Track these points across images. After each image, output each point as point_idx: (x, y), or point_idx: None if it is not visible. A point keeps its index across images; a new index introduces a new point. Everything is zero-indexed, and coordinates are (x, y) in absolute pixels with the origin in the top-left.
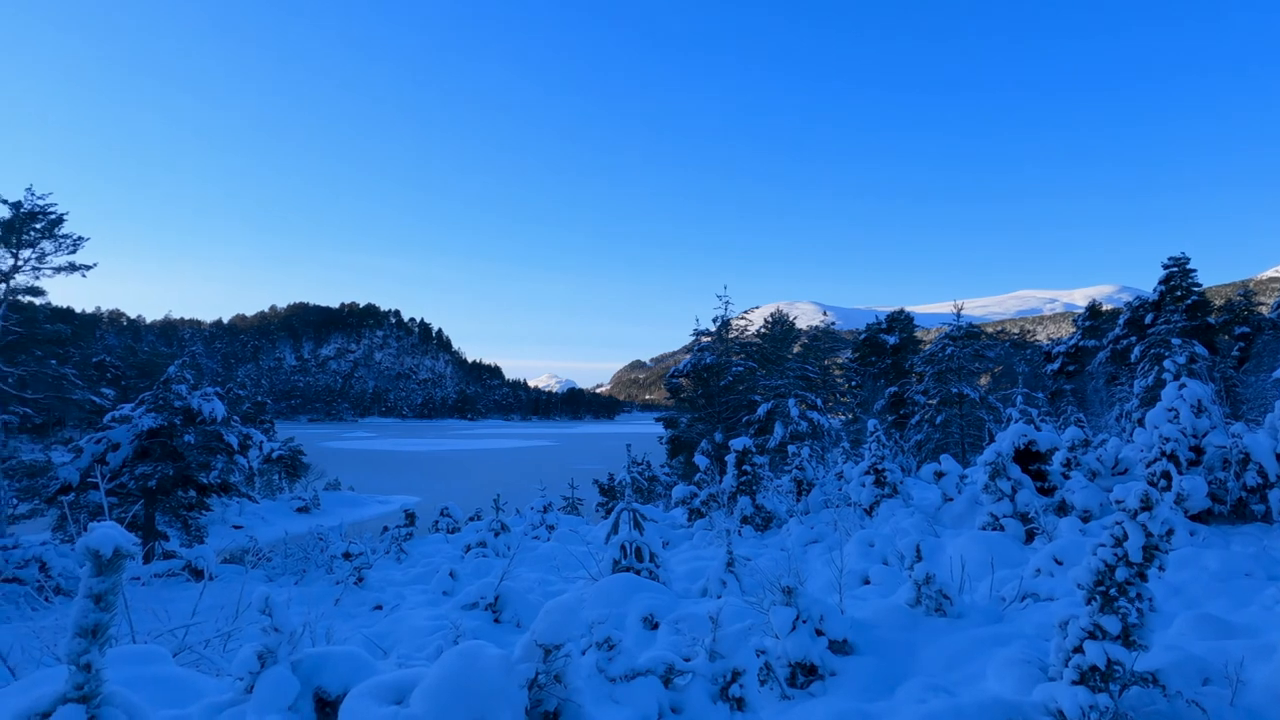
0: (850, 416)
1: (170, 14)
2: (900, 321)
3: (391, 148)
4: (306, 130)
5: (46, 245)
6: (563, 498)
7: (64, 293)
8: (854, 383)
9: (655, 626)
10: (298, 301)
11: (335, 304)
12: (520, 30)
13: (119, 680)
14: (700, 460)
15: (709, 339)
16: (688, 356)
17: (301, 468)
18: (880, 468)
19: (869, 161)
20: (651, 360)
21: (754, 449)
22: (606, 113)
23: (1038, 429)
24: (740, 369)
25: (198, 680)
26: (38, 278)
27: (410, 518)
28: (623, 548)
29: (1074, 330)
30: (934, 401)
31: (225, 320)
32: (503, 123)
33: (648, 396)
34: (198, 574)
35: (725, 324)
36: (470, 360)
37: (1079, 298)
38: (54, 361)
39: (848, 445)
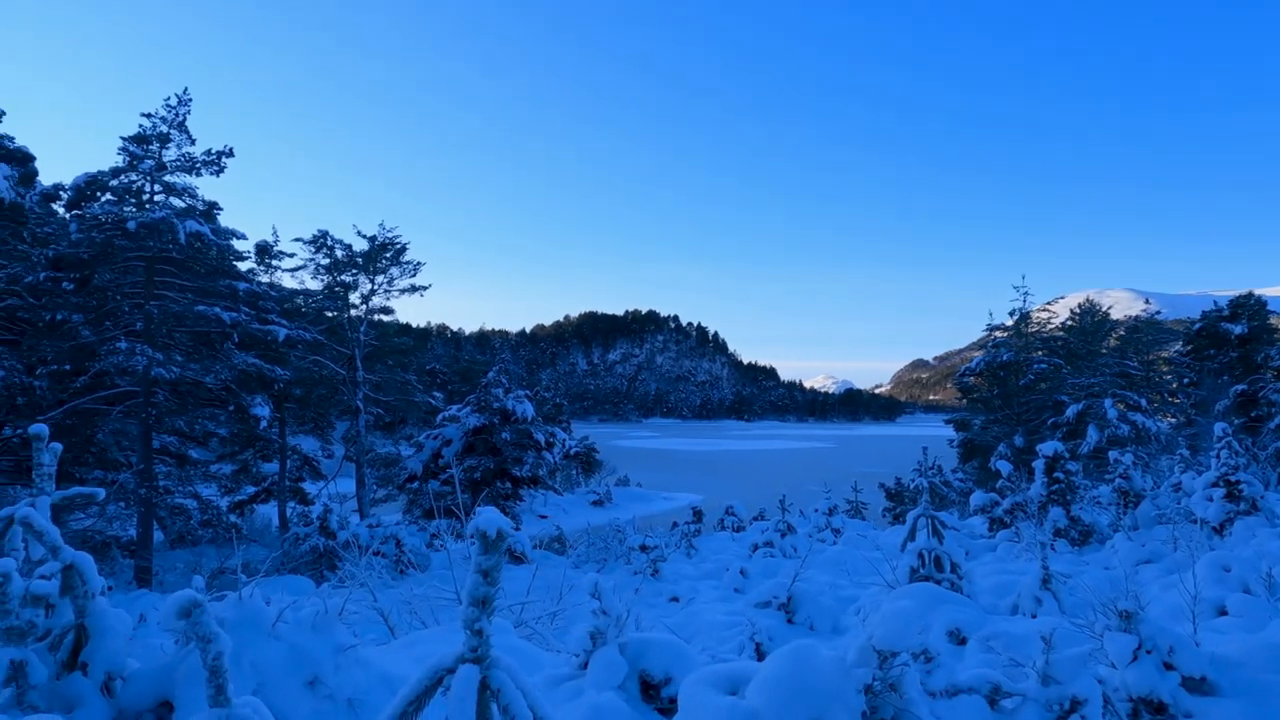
0: (1183, 419)
1: (449, 49)
2: (1248, 307)
3: (665, 154)
4: (585, 146)
5: (394, 271)
6: (846, 501)
7: (405, 310)
8: (1186, 380)
9: (962, 642)
10: (588, 310)
11: (620, 311)
12: (788, 35)
13: None
14: (1002, 466)
15: (1004, 334)
16: (980, 354)
17: (595, 464)
18: (1233, 479)
19: (1199, 130)
20: (935, 359)
21: (1066, 454)
22: (881, 108)
23: None
24: (1043, 366)
25: (537, 653)
26: (388, 298)
27: (698, 515)
28: (921, 555)
29: None
30: None
31: (527, 330)
32: (774, 126)
33: (931, 397)
34: (516, 558)
35: (1024, 317)
36: (745, 362)
37: None
38: (399, 369)
39: (1185, 452)
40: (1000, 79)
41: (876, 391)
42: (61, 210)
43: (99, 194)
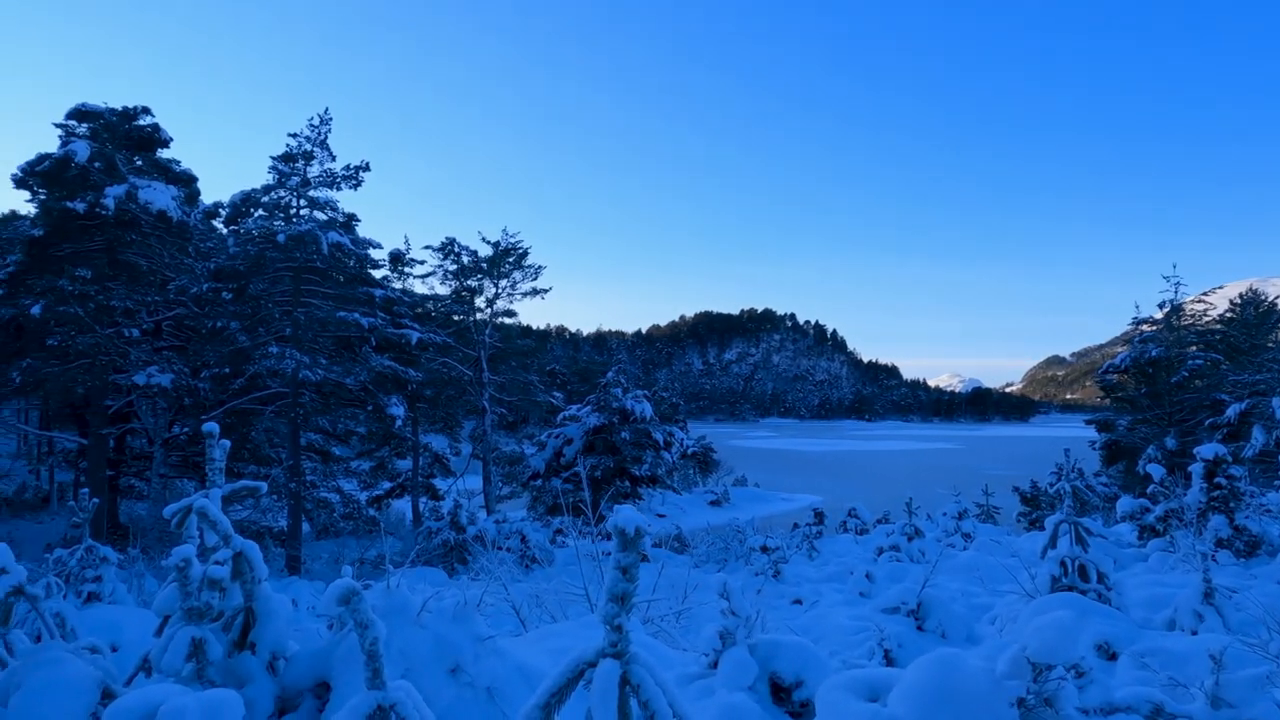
0: None
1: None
2: None
3: (780, 156)
4: (698, 148)
5: (517, 275)
6: (975, 505)
7: (526, 313)
8: None
9: (1112, 657)
10: (703, 310)
11: (735, 310)
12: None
13: None
14: (1153, 469)
15: (1153, 327)
16: (1124, 349)
17: (712, 464)
18: None
19: None
20: (1072, 355)
21: (1228, 457)
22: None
23: None
24: (1199, 362)
25: (666, 651)
26: (511, 302)
27: (819, 516)
28: (1063, 564)
29: None
30: None
31: (643, 330)
32: (902, 127)
33: (1069, 396)
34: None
35: (1175, 309)
36: (866, 360)
37: None
38: (522, 370)
39: None
40: (1153, 80)
41: (1007, 390)
42: (220, 226)
43: (252, 210)
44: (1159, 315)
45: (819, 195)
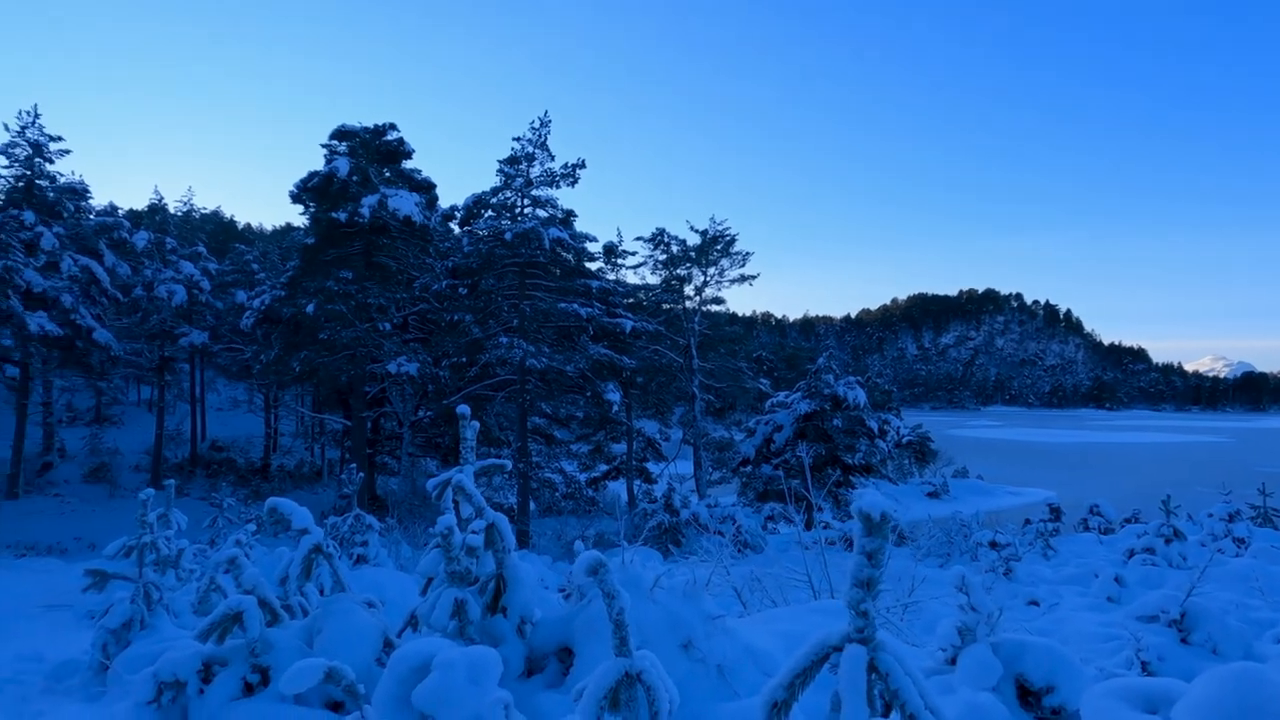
0: None
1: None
2: None
3: (1005, 121)
4: (914, 122)
5: (724, 262)
6: (1250, 506)
7: (733, 300)
8: None
9: None
10: (916, 293)
11: (953, 292)
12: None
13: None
14: None
15: None
16: None
17: (929, 453)
18: None
19: None
20: None
21: None
22: None
23: None
24: None
25: (897, 643)
26: (719, 289)
27: (1055, 513)
28: None
29: None
30: None
31: (852, 315)
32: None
33: None
34: (849, 544)
35: None
36: (1106, 343)
37: None
38: (730, 357)
39: None
40: None
41: None
42: (455, 227)
43: (482, 211)
44: None
45: (1049, 165)
